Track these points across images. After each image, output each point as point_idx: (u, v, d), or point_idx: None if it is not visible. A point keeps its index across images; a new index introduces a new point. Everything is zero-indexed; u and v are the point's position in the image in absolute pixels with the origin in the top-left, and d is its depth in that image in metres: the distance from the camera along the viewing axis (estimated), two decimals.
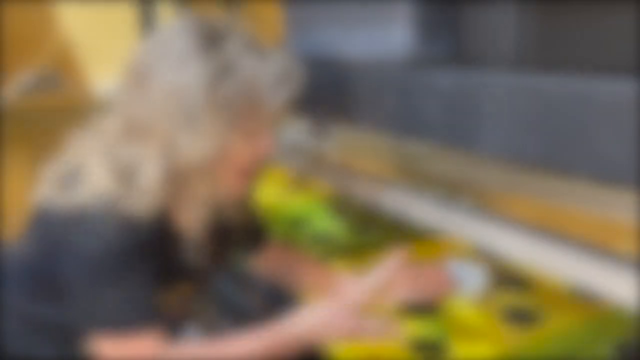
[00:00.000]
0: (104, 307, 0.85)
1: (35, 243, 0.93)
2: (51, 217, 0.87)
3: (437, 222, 0.98)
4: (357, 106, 0.98)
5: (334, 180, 1.32)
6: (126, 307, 0.86)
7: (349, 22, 1.01)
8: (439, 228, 0.99)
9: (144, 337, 0.86)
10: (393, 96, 0.90)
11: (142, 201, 0.83)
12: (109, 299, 0.85)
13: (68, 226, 0.85)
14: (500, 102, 0.72)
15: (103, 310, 0.85)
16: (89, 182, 0.85)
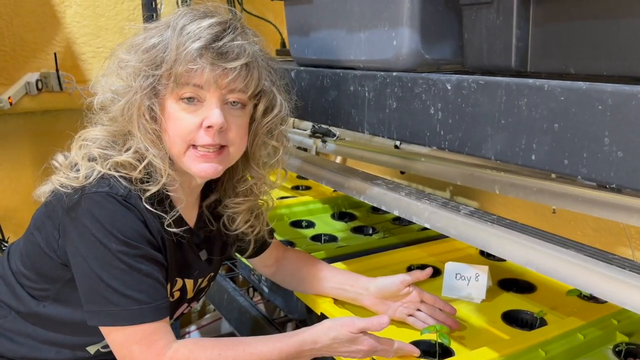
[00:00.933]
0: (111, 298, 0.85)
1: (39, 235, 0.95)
2: (54, 207, 0.90)
3: (438, 224, 0.99)
4: (359, 110, 0.99)
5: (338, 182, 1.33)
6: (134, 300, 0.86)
7: (349, 26, 1.02)
8: (441, 230, 0.99)
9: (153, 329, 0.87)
10: (395, 100, 0.90)
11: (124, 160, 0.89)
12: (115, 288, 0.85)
13: (70, 212, 0.87)
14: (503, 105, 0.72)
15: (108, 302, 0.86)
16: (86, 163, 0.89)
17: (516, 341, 1.01)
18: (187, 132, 0.88)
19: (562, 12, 0.69)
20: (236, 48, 0.86)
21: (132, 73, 0.88)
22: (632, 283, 0.69)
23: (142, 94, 0.87)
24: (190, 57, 0.85)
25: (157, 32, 0.89)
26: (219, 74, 0.86)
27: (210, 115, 0.87)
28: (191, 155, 0.90)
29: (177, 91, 0.87)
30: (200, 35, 0.85)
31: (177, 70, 0.85)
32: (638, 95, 0.57)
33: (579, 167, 0.63)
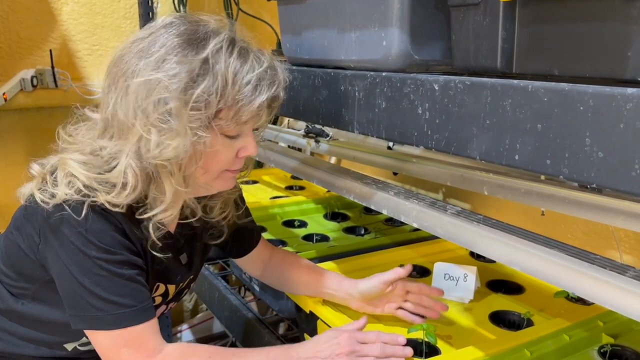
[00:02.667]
0: (94, 304, 0.86)
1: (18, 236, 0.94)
2: (34, 211, 0.89)
3: (425, 223, 1.00)
4: (349, 110, 0.99)
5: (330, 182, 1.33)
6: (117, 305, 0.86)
7: (341, 26, 1.02)
8: (428, 229, 1.00)
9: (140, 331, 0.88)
10: (384, 100, 0.91)
11: (117, 195, 0.85)
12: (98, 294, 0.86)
13: (49, 219, 0.86)
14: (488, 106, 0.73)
15: (92, 307, 0.86)
16: (67, 177, 0.86)
17: (502, 341, 1.02)
18: (227, 165, 0.91)
19: (547, 15, 0.70)
20: (281, 91, 0.90)
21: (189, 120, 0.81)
22: (612, 282, 0.70)
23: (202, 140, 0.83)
24: (258, 107, 0.85)
25: (202, 70, 0.82)
26: (269, 114, 0.91)
27: (249, 147, 0.90)
28: (226, 177, 0.93)
29: (227, 130, 0.86)
30: (261, 85, 0.86)
31: (241, 117, 0.85)
32: (618, 96, 0.58)
33: (560, 167, 0.64)
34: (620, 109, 0.58)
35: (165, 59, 0.82)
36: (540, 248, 0.81)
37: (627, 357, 1.03)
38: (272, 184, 2.19)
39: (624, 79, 0.62)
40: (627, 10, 0.61)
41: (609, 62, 0.64)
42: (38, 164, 0.92)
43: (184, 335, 2.39)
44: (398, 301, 1.12)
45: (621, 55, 0.62)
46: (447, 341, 1.06)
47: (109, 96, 0.86)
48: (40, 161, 0.93)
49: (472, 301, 1.21)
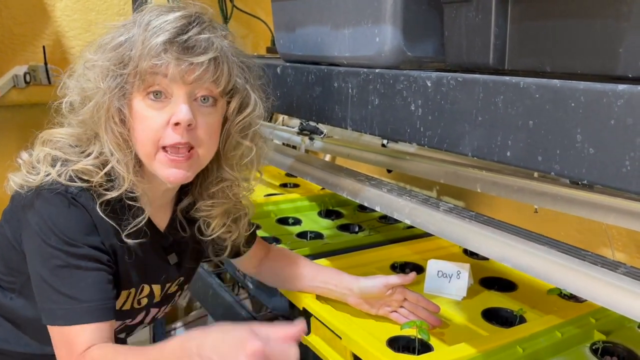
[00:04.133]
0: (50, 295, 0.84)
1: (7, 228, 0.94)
2: (17, 201, 0.90)
3: (418, 220, 1.00)
4: (342, 106, 0.99)
5: (323, 178, 1.33)
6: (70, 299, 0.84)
7: (334, 22, 1.02)
8: (420, 226, 1.00)
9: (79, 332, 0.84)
10: (377, 97, 0.91)
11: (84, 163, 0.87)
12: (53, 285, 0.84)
13: (26, 206, 0.87)
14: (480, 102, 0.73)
15: (48, 299, 0.85)
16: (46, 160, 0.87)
17: (494, 338, 1.02)
18: (154, 131, 0.85)
19: (539, 11, 0.70)
20: (203, 42, 0.84)
21: (99, 73, 0.85)
22: (603, 279, 0.70)
23: (110, 95, 0.84)
24: (155, 52, 0.82)
25: (124, 30, 0.87)
26: (185, 69, 0.83)
27: (177, 112, 0.84)
28: (161, 160, 0.87)
29: (143, 88, 0.84)
30: (165, 29, 0.82)
31: (142, 67, 0.83)
32: (609, 93, 0.58)
33: (552, 163, 0.64)
34: (611, 105, 0.58)
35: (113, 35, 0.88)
36: (532, 245, 0.81)
37: (619, 353, 1.03)
38: (267, 181, 2.18)
39: (615, 75, 0.62)
40: (618, 6, 0.61)
41: (600, 58, 0.64)
42: (27, 152, 0.92)
43: (178, 333, 2.38)
44: (394, 305, 1.12)
45: (612, 52, 0.62)
46: (439, 338, 1.06)
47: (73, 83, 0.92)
48: (29, 150, 0.93)
49: (465, 298, 1.22)
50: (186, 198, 1.04)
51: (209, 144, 0.90)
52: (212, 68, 0.85)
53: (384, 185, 1.14)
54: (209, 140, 0.90)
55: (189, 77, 0.84)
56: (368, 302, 1.13)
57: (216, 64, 0.86)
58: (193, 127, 0.86)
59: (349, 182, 1.20)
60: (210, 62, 0.84)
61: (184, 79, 0.84)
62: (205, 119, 0.88)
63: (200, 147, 0.88)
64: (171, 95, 0.85)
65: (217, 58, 0.86)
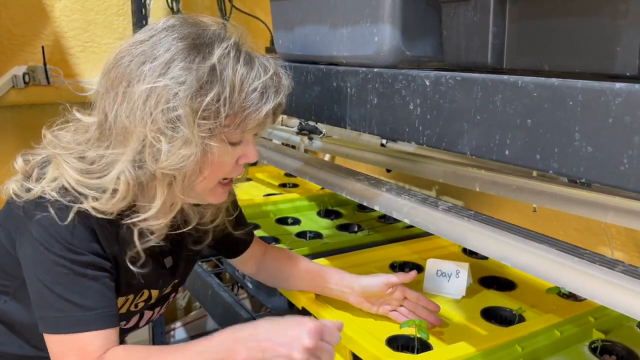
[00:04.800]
0: (53, 304, 0.84)
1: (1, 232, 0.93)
2: (13, 207, 0.88)
3: (417, 219, 1.00)
4: (341, 106, 0.99)
5: (322, 178, 1.33)
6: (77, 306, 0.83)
7: (332, 22, 1.02)
8: (419, 225, 1.00)
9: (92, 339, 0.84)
10: (376, 96, 0.91)
11: (106, 201, 0.83)
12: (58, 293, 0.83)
13: (26, 215, 0.85)
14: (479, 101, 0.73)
15: (51, 307, 0.84)
16: (53, 175, 0.85)
17: (493, 336, 1.02)
18: (227, 173, 0.89)
19: (537, 10, 0.70)
20: (285, 98, 0.90)
21: (185, 122, 0.79)
22: (601, 277, 0.70)
23: (209, 149, 0.82)
24: (265, 115, 0.85)
25: (210, 78, 0.80)
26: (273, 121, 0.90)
27: (250, 154, 0.89)
28: (218, 190, 0.91)
29: (231, 137, 0.85)
30: (269, 94, 0.85)
31: (247, 125, 0.84)
32: (607, 91, 0.58)
33: (550, 162, 0.64)
34: (608, 104, 0.58)
35: (170, 64, 0.79)
36: (530, 243, 0.81)
37: (618, 352, 1.03)
38: (266, 181, 2.18)
39: (613, 73, 0.62)
40: (616, 5, 0.61)
41: (598, 57, 0.64)
42: (24, 159, 0.91)
43: (177, 333, 2.38)
44: (394, 304, 1.12)
45: (610, 50, 0.62)
46: (438, 337, 1.06)
47: (107, 101, 0.83)
48: (26, 156, 0.91)
49: (465, 297, 1.22)
50: None
51: None
52: None
53: (383, 185, 1.14)
54: None
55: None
56: (369, 301, 1.13)
57: None
58: None
59: (348, 182, 1.20)
60: None
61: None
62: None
63: None
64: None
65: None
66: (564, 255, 0.77)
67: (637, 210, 0.87)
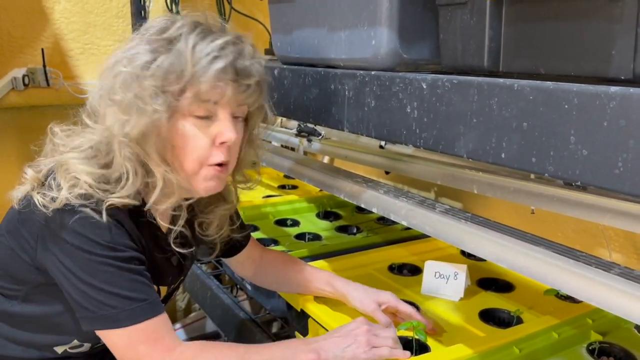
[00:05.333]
0: (106, 302, 0.85)
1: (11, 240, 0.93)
2: (29, 215, 0.88)
3: (414, 221, 1.00)
4: (339, 108, 1.00)
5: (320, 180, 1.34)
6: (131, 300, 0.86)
7: (330, 25, 1.03)
8: (417, 227, 1.01)
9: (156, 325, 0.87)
10: (373, 99, 0.91)
11: (122, 189, 0.87)
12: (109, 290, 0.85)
13: (55, 224, 0.86)
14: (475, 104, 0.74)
15: (105, 305, 0.85)
16: (70, 181, 0.86)
17: (491, 338, 1.03)
18: (202, 151, 0.88)
19: (533, 14, 0.70)
20: (251, 66, 0.88)
21: (147, 95, 0.84)
22: (597, 279, 0.70)
23: (160, 115, 0.84)
24: (214, 78, 0.84)
25: (162, 47, 0.85)
26: (237, 93, 0.87)
27: (226, 132, 0.88)
28: (206, 174, 0.90)
29: (194, 109, 0.86)
30: (219, 54, 0.85)
31: (201, 89, 0.84)
32: (602, 95, 0.58)
33: (546, 165, 0.65)
34: (604, 107, 0.58)
35: (137, 48, 0.87)
36: (527, 245, 0.81)
37: (615, 354, 1.03)
38: (265, 183, 2.19)
39: (608, 77, 0.63)
40: (611, 9, 0.61)
41: (593, 60, 0.64)
42: (33, 169, 0.92)
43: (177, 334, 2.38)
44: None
45: (605, 54, 0.62)
46: (436, 339, 1.06)
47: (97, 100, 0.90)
48: (34, 165, 0.92)
49: (463, 299, 1.22)
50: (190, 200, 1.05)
51: (235, 158, 0.95)
52: (256, 91, 0.90)
53: (380, 187, 1.14)
54: (236, 154, 0.95)
55: (239, 99, 0.88)
56: None
57: (258, 86, 0.91)
58: (231, 145, 0.90)
59: (346, 184, 1.20)
60: (256, 85, 0.90)
61: (236, 99, 0.88)
62: (239, 136, 0.92)
63: (231, 161, 0.93)
64: (215, 115, 0.88)
65: (260, 82, 0.91)
66: (560, 257, 0.77)
67: (633, 213, 0.87)
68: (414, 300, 1.21)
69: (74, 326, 0.91)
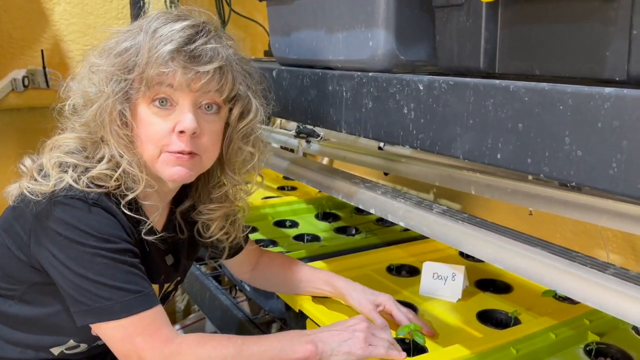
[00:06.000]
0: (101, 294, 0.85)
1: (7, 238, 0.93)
2: (22, 211, 0.88)
3: (412, 222, 1.00)
4: (337, 110, 1.00)
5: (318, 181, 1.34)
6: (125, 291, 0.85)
7: (328, 27, 1.03)
8: (414, 228, 1.01)
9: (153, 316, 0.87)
10: (371, 100, 0.92)
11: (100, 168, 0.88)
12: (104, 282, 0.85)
13: (38, 218, 0.86)
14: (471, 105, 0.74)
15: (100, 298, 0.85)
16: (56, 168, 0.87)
17: (489, 339, 1.03)
18: (159, 137, 0.87)
19: (529, 15, 0.70)
20: (209, 51, 0.86)
21: (104, 78, 0.87)
22: (592, 279, 0.71)
23: (114, 99, 0.86)
24: (162, 60, 0.83)
25: (129, 35, 0.88)
26: (191, 78, 0.85)
27: (183, 120, 0.86)
28: (165, 159, 0.88)
29: (149, 95, 0.86)
30: (172, 38, 0.84)
31: (149, 74, 0.84)
32: (596, 96, 0.59)
33: (541, 165, 0.65)
34: (598, 108, 0.59)
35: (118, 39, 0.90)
36: (522, 246, 0.82)
37: (613, 355, 1.04)
38: (265, 184, 2.19)
39: (603, 78, 0.63)
40: (606, 11, 0.62)
41: (588, 62, 0.65)
42: (30, 158, 0.92)
43: None
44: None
45: (600, 55, 0.63)
46: (434, 340, 1.07)
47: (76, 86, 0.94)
48: (32, 156, 0.93)
49: (461, 300, 1.22)
50: (187, 201, 1.05)
51: (212, 151, 0.93)
52: (217, 77, 0.87)
53: (378, 188, 1.14)
54: (212, 147, 0.93)
55: (195, 86, 0.86)
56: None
57: (221, 73, 0.88)
58: (197, 135, 0.88)
59: (344, 185, 1.21)
60: (215, 72, 0.87)
61: (190, 87, 0.86)
62: (209, 127, 0.90)
63: (203, 154, 0.91)
64: (176, 103, 0.87)
65: (223, 67, 0.88)
66: (555, 257, 0.77)
67: (630, 214, 0.87)
68: (412, 301, 1.21)
69: (70, 326, 0.91)
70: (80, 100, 0.91)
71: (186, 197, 1.06)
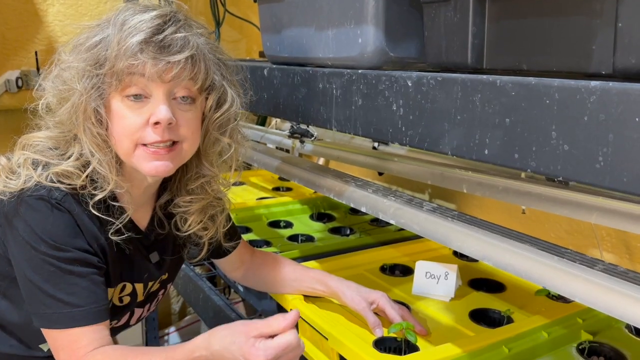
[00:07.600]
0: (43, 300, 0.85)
1: None
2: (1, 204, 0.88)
3: (402, 220, 1.00)
4: (327, 107, 1.00)
5: (309, 180, 1.33)
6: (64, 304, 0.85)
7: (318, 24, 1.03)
8: (404, 226, 1.00)
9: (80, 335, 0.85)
10: (360, 97, 0.91)
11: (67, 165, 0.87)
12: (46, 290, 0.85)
13: (7, 214, 0.87)
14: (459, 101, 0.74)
15: (42, 304, 0.85)
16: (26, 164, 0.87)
17: (480, 338, 1.02)
18: (133, 131, 0.85)
19: (515, 10, 0.70)
20: (179, 40, 0.84)
21: (75, 74, 0.85)
22: (580, 275, 0.70)
23: (87, 96, 0.84)
24: (131, 52, 0.82)
25: (99, 30, 0.87)
26: (162, 68, 0.83)
27: (157, 112, 0.84)
28: (141, 154, 0.87)
29: (122, 89, 0.85)
30: (140, 28, 0.83)
31: (119, 67, 0.83)
32: (582, 89, 0.58)
33: (528, 160, 0.65)
34: (584, 102, 0.58)
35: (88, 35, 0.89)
36: (512, 242, 0.81)
37: (605, 353, 1.03)
38: (259, 185, 2.18)
39: (589, 72, 0.63)
40: (591, 4, 0.61)
41: (574, 56, 0.64)
42: (6, 157, 0.92)
43: (171, 338, 2.38)
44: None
45: (586, 49, 0.62)
46: (426, 339, 1.06)
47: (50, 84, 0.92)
48: (8, 155, 0.93)
49: (453, 299, 1.22)
50: (165, 194, 1.03)
51: (192, 139, 0.91)
52: (189, 66, 0.86)
53: (369, 186, 1.14)
54: (192, 135, 0.91)
55: (167, 76, 0.84)
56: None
57: (193, 62, 0.86)
58: (174, 125, 0.87)
59: (335, 183, 1.20)
60: (187, 61, 0.85)
61: (162, 78, 0.84)
62: (185, 115, 0.89)
63: (184, 141, 0.90)
64: (150, 95, 0.86)
65: (194, 56, 0.86)
66: (544, 254, 0.77)
67: (620, 210, 0.87)
68: (405, 300, 1.21)
69: None
70: (53, 98, 0.89)
71: (165, 191, 1.04)
